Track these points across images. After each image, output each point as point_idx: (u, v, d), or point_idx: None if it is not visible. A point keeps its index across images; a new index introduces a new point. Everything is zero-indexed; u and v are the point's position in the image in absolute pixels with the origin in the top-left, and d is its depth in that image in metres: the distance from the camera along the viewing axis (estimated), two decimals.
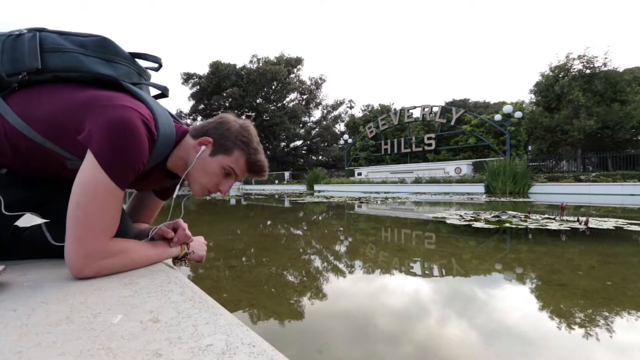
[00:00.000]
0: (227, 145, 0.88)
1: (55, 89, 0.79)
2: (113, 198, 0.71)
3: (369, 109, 32.40)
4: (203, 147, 0.87)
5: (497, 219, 3.03)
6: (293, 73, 36.64)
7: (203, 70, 38.15)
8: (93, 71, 0.82)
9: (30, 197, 0.86)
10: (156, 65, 1.01)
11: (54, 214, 0.91)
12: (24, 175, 0.85)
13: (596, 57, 15.74)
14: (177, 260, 0.92)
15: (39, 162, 0.81)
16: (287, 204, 6.34)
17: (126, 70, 0.88)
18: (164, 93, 1.02)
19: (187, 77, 34.87)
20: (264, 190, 18.03)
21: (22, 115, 0.76)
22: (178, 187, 1.02)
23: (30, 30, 0.81)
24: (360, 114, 30.66)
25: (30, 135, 0.75)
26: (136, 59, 0.94)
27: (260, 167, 0.92)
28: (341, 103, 38.73)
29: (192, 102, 35.93)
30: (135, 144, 0.71)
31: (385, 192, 11.47)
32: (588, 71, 15.88)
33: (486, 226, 2.62)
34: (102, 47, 0.84)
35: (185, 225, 0.92)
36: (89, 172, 0.69)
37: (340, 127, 38.40)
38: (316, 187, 16.75)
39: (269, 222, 3.36)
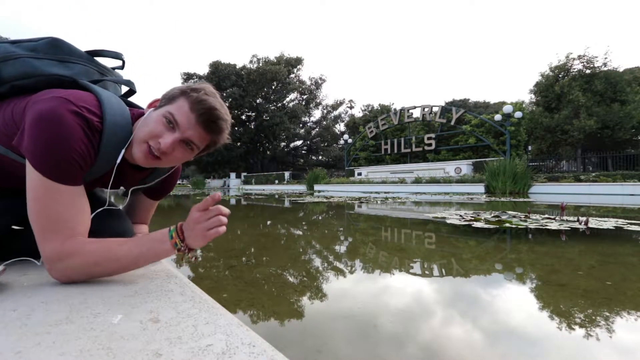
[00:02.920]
0: (171, 96, 0.78)
1: (11, 100, 0.77)
2: (59, 195, 0.66)
3: (369, 109, 32.41)
4: (150, 110, 0.80)
5: (497, 219, 3.02)
6: (293, 73, 36.62)
7: (203, 70, 38.06)
8: (47, 73, 0.79)
9: (13, 208, 0.84)
10: (119, 61, 0.97)
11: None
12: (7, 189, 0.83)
13: (596, 57, 15.76)
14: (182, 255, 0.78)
15: (5, 172, 0.78)
16: (287, 204, 6.34)
17: (83, 69, 0.85)
18: (131, 89, 0.98)
19: (187, 77, 34.86)
20: (263, 190, 18.03)
21: None
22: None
23: None
24: (360, 114, 30.69)
25: None
26: (95, 57, 0.90)
27: (209, 107, 0.75)
28: (341, 103, 38.74)
29: None
30: (63, 135, 0.65)
31: (385, 192, 11.47)
32: (588, 71, 15.89)
33: (486, 226, 2.62)
34: (54, 47, 0.82)
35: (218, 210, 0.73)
36: (28, 175, 0.66)
37: (340, 127, 38.41)
38: (316, 187, 16.75)
39: (269, 222, 3.35)
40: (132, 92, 0.99)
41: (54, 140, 0.64)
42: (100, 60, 0.94)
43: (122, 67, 0.99)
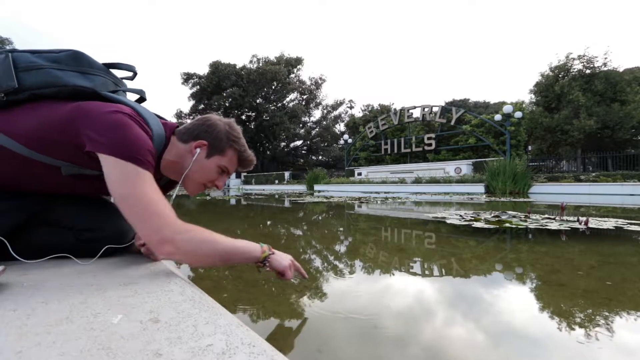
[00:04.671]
0: (221, 146, 0.95)
1: (35, 106, 0.82)
2: (147, 180, 0.75)
3: (369, 109, 32.43)
4: (198, 150, 0.92)
5: (497, 219, 3.02)
6: (293, 73, 36.62)
7: (203, 70, 37.97)
8: (70, 84, 0.84)
9: (23, 206, 0.88)
10: (131, 73, 1.04)
11: (50, 221, 0.94)
12: (11, 191, 0.87)
13: (596, 57, 15.77)
14: (258, 262, 0.88)
15: (25, 174, 0.82)
16: (287, 204, 6.34)
17: (102, 81, 0.91)
18: (142, 97, 1.05)
19: (187, 77, 34.83)
20: (263, 190, 18.03)
21: (4, 130, 0.78)
22: (177, 188, 1.05)
23: (0, 52, 0.82)
24: (360, 114, 30.69)
25: (15, 149, 0.78)
26: (110, 69, 0.96)
27: (251, 161, 1.02)
28: (341, 103, 38.73)
29: (192, 102, 35.88)
30: (136, 131, 0.77)
31: (385, 192, 11.47)
32: (588, 71, 15.89)
33: (486, 226, 2.62)
34: (76, 60, 0.87)
35: None
36: (115, 169, 0.73)
37: (340, 127, 38.40)
38: (316, 187, 16.75)
39: (269, 222, 3.35)
40: (142, 100, 1.05)
41: (133, 135, 0.76)
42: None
43: (132, 78, 1.05)
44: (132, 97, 1.05)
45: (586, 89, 15.55)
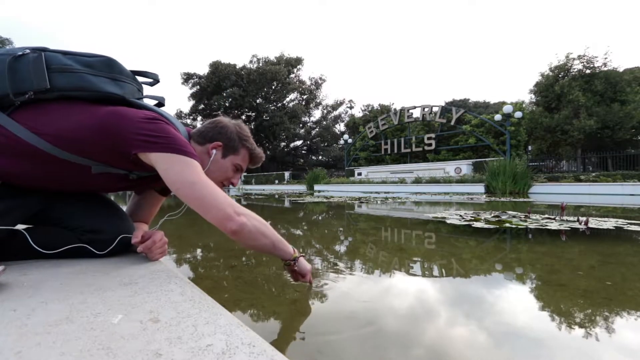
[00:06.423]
0: (234, 146, 1.03)
1: (65, 107, 0.85)
2: (202, 170, 0.85)
3: (369, 109, 32.41)
4: (214, 151, 1.00)
5: (497, 219, 3.02)
6: (293, 73, 36.61)
7: (203, 70, 37.90)
8: (103, 90, 0.87)
9: (24, 206, 0.90)
10: (152, 80, 1.08)
11: (50, 221, 0.95)
12: (21, 187, 0.88)
13: (596, 57, 15.75)
14: (287, 264, 1.00)
15: (47, 171, 0.85)
16: (287, 204, 6.34)
17: (131, 88, 0.95)
18: (161, 103, 1.09)
19: (187, 77, 34.83)
20: (264, 190, 18.03)
21: (30, 128, 0.80)
22: None
23: (34, 50, 0.84)
24: (360, 114, 30.67)
25: (40, 145, 0.80)
26: (137, 76, 1.01)
27: (261, 157, 1.11)
28: (341, 103, 38.73)
29: (192, 102, 35.89)
30: (175, 132, 0.86)
31: (385, 192, 11.47)
32: (588, 71, 15.87)
33: (486, 226, 2.62)
34: (109, 66, 0.90)
35: (158, 237, 0.95)
36: (174, 164, 0.81)
37: (340, 127, 38.40)
38: (316, 187, 16.75)
39: (269, 222, 3.35)
40: (160, 105, 1.10)
41: (172, 132, 0.85)
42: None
43: (152, 85, 1.10)
44: (151, 102, 1.09)
45: (586, 89, 15.54)
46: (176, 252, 1.79)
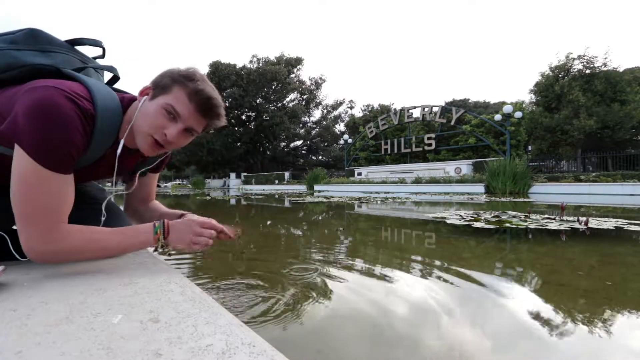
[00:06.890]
0: (164, 84, 0.78)
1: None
2: (49, 183, 0.68)
3: (369, 109, 32.43)
4: (144, 98, 0.80)
5: (497, 219, 3.02)
6: (293, 73, 36.59)
7: (203, 70, 37.36)
8: (29, 63, 0.78)
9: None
10: (100, 49, 0.96)
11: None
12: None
13: (596, 57, 15.75)
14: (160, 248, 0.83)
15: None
16: (287, 204, 6.33)
17: (65, 58, 0.85)
18: (115, 75, 0.97)
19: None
20: (263, 190, 18.03)
21: None
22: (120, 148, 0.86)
23: None
24: (360, 114, 30.71)
25: None
26: (75, 46, 0.90)
27: (207, 97, 0.78)
28: (341, 103, 38.72)
29: None
30: (60, 124, 0.66)
31: (385, 192, 11.47)
32: (588, 71, 15.87)
33: (486, 226, 2.62)
34: (33, 38, 0.81)
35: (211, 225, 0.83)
36: (17, 161, 0.67)
37: (340, 127, 38.38)
38: (316, 187, 16.74)
39: (269, 222, 3.35)
40: (116, 78, 0.98)
41: (51, 128, 0.65)
42: (81, 48, 0.93)
43: (102, 56, 0.98)
44: (108, 75, 0.99)
45: (586, 89, 15.54)
46: (176, 252, 1.79)
